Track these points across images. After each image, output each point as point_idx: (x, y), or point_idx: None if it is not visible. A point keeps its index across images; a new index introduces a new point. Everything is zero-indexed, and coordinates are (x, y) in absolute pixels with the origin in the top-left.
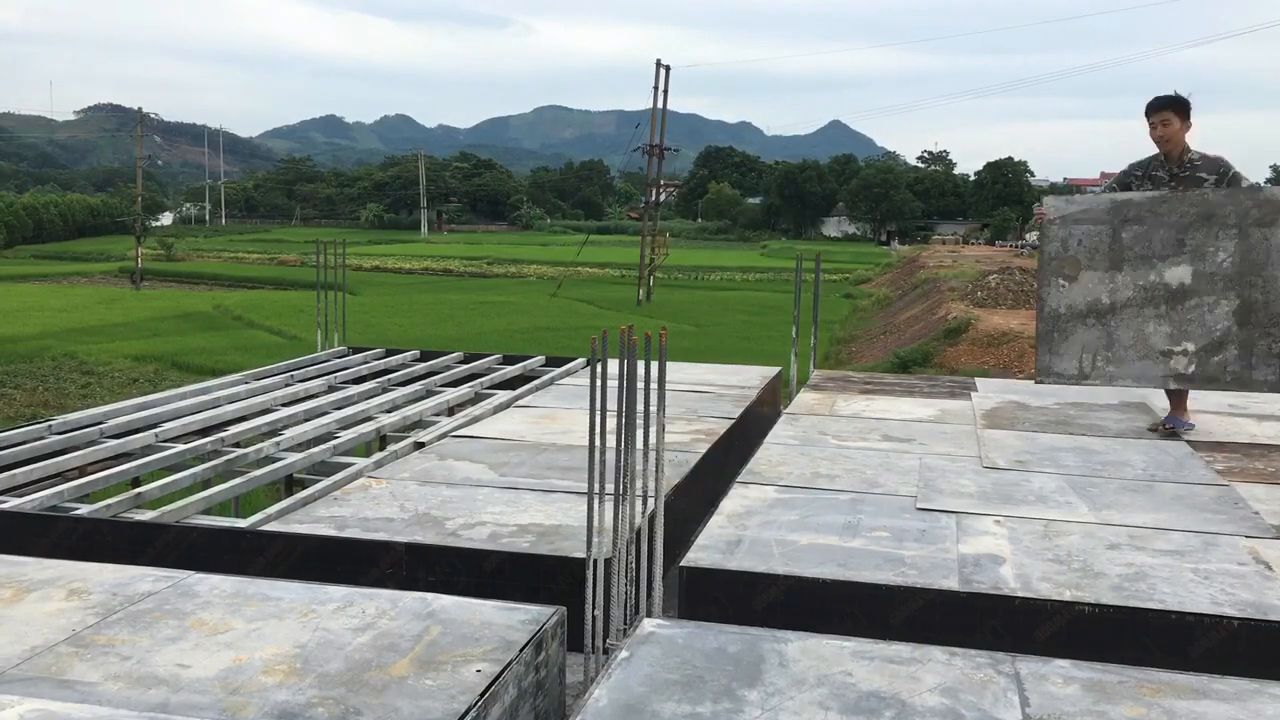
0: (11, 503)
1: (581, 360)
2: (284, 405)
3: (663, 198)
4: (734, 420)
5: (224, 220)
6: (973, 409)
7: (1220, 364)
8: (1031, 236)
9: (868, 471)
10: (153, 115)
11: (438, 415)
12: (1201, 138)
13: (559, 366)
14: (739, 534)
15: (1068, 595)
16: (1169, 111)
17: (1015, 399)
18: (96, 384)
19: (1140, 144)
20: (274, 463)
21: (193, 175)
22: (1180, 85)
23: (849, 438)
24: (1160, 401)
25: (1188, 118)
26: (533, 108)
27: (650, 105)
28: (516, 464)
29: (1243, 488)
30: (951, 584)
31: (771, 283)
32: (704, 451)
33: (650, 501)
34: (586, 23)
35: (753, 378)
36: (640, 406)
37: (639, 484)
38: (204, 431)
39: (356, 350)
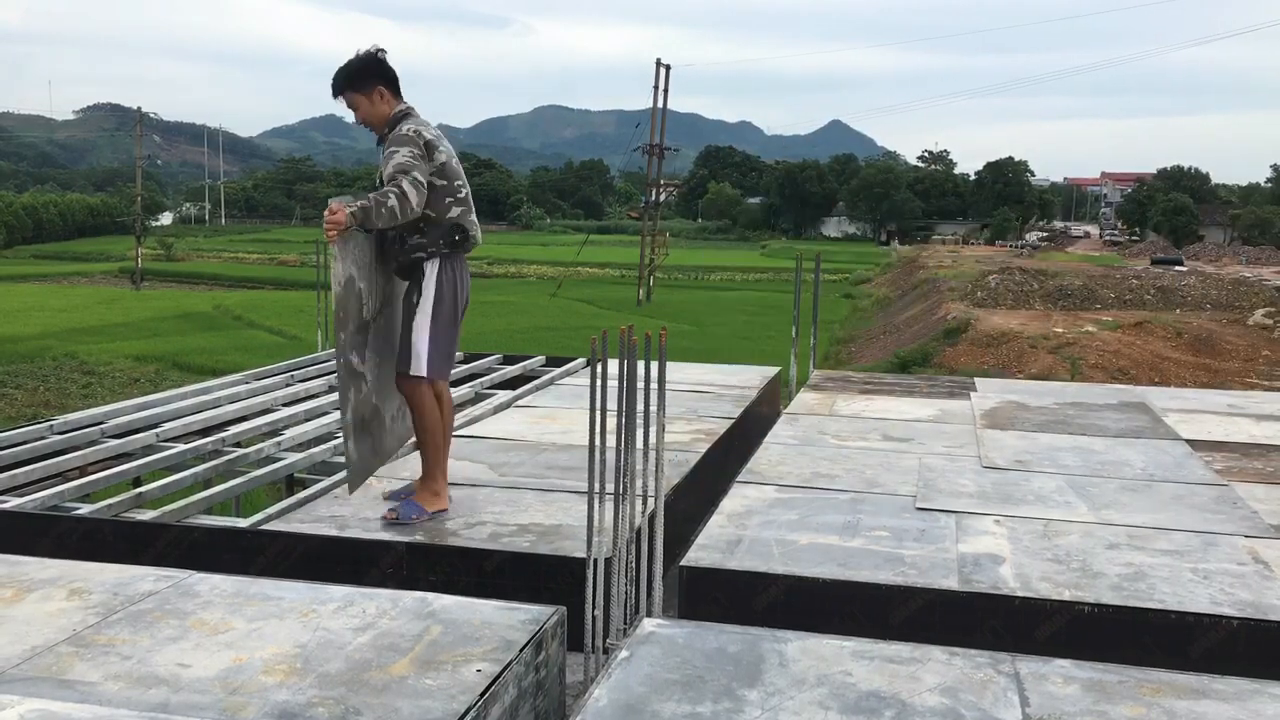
0: (12, 503)
1: (581, 360)
2: (285, 405)
3: (663, 198)
4: (734, 420)
5: (224, 220)
6: (972, 409)
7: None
8: (1031, 237)
9: (867, 471)
10: (152, 115)
11: None
12: (1202, 137)
13: (559, 366)
14: (739, 534)
15: (1067, 595)
16: (351, 93)
17: (1015, 399)
18: (97, 384)
19: (1141, 143)
20: (275, 463)
21: (192, 175)
22: (1179, 85)
23: (849, 438)
24: (1160, 402)
25: (376, 86)
26: (533, 107)
27: (650, 105)
28: (516, 464)
29: (1242, 488)
30: (951, 584)
31: (771, 283)
32: (704, 451)
33: (650, 501)
34: (587, 23)
35: (753, 378)
36: (640, 406)
37: (639, 484)
38: (205, 431)
39: None
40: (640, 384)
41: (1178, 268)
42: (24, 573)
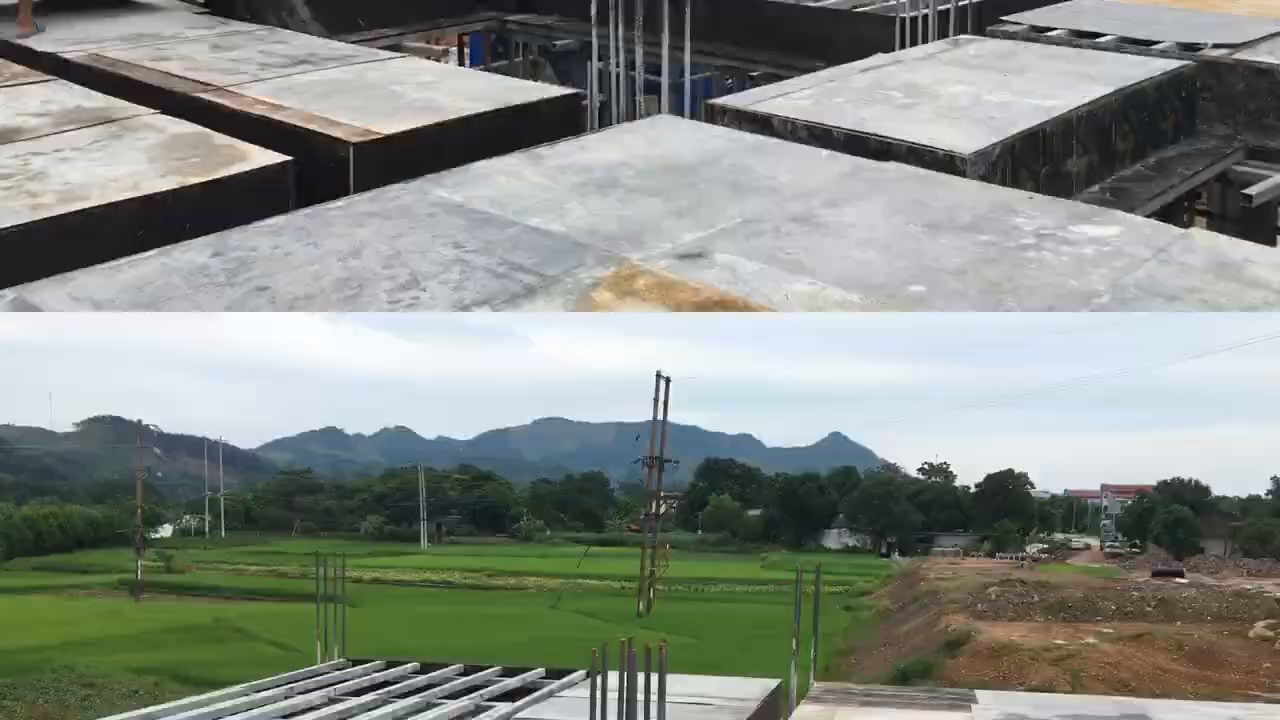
0: None
1: (582, 672)
2: (283, 717)
3: (662, 510)
4: None
5: (223, 532)
6: None
7: None
8: (1032, 549)
9: None
10: (151, 427)
11: None
12: (1201, 449)
13: (559, 679)
14: None
15: None
16: None
17: (1016, 712)
18: (96, 695)
19: (1141, 455)
20: None
21: (192, 487)
22: (1175, 399)
23: None
24: (1161, 715)
25: None
26: (532, 419)
27: (649, 417)
28: None
29: None
30: None
31: (771, 595)
32: None
33: None
34: (581, 337)
35: (753, 690)
36: None
37: None
38: None
39: (357, 662)
40: (640, 695)
41: (1178, 579)
42: None
